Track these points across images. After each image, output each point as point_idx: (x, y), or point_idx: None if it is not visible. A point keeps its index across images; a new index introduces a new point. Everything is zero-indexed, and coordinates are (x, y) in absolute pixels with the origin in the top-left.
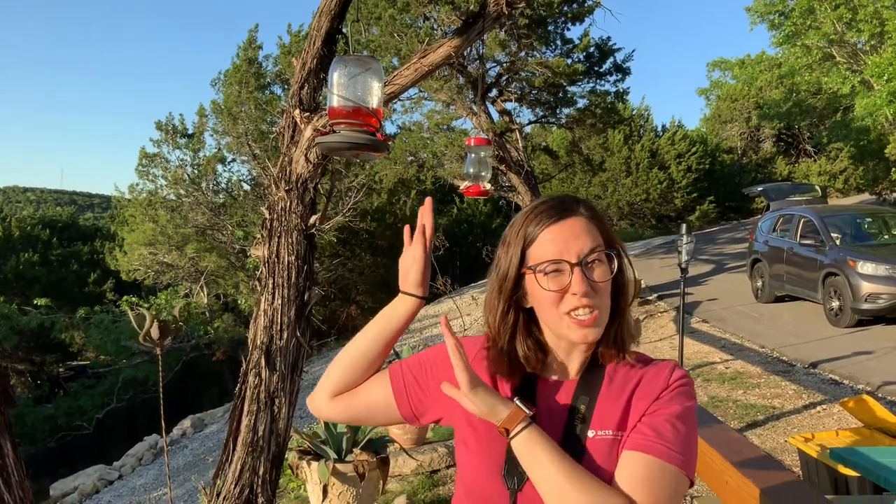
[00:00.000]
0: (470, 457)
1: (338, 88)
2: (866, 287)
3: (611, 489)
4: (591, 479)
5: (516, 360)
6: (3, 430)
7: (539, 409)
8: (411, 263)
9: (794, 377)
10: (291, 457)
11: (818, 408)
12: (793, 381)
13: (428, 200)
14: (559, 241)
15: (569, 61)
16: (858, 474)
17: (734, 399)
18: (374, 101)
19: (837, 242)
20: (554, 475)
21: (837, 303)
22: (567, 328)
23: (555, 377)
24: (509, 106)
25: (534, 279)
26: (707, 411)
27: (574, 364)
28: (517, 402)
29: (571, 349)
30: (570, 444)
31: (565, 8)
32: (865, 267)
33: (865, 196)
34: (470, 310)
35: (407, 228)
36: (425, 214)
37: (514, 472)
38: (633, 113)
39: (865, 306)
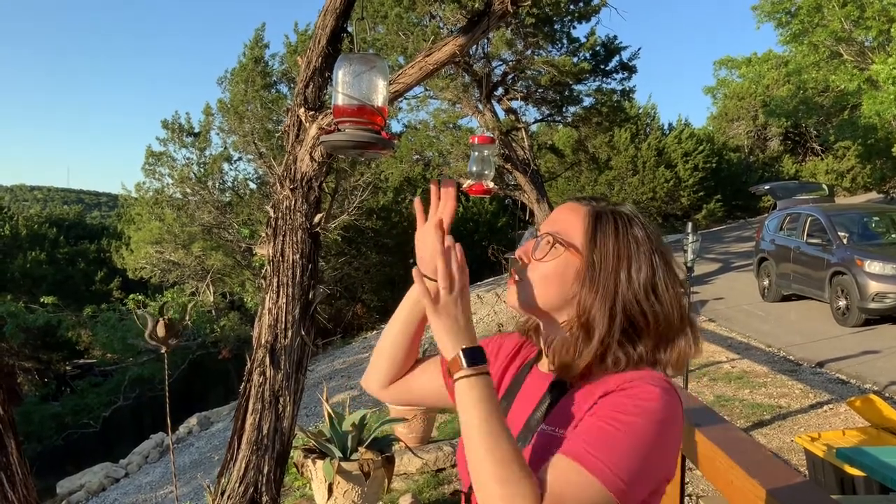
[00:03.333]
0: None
1: (342, 87)
2: (874, 286)
3: (522, 462)
4: (507, 441)
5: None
6: (7, 427)
7: (520, 397)
8: (432, 257)
9: (800, 376)
10: (297, 455)
11: (825, 407)
12: (799, 381)
13: (450, 183)
14: (549, 216)
15: (575, 60)
16: (865, 474)
17: (740, 398)
18: (379, 99)
19: (844, 241)
20: (471, 431)
21: (844, 302)
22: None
23: (545, 369)
24: (515, 104)
25: None
26: (712, 410)
27: None
28: (461, 351)
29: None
30: (525, 434)
31: (571, 6)
32: (873, 266)
33: (873, 195)
34: (475, 308)
35: (418, 204)
36: (445, 202)
37: None
38: (640, 111)
39: (873, 305)
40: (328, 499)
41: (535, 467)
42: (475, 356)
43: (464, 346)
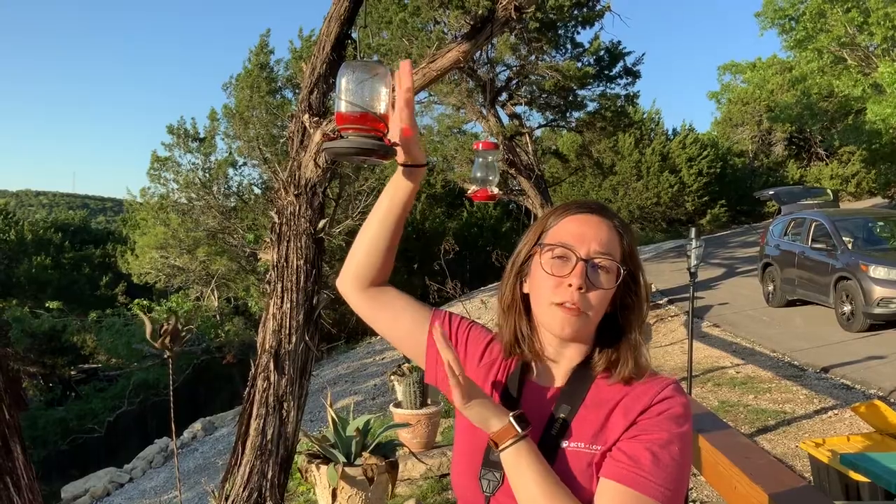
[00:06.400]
0: (455, 456)
1: (345, 94)
2: (878, 291)
3: None
4: (567, 493)
5: (512, 340)
6: (13, 432)
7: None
8: (402, 137)
9: (805, 382)
10: (301, 460)
11: (829, 413)
12: (804, 386)
13: (405, 63)
14: (578, 231)
15: (579, 65)
16: (869, 480)
17: (745, 404)
18: (382, 106)
19: (849, 246)
20: (537, 495)
21: (849, 307)
22: (550, 317)
23: (543, 382)
24: (519, 109)
25: (538, 259)
26: (716, 416)
27: (563, 369)
28: (511, 418)
29: (561, 351)
30: (545, 452)
31: (575, 11)
32: (877, 271)
33: (878, 200)
34: (479, 314)
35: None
36: (404, 78)
37: (489, 477)
38: (644, 116)
39: (877, 310)
40: None
41: (571, 485)
42: (523, 419)
43: (512, 413)
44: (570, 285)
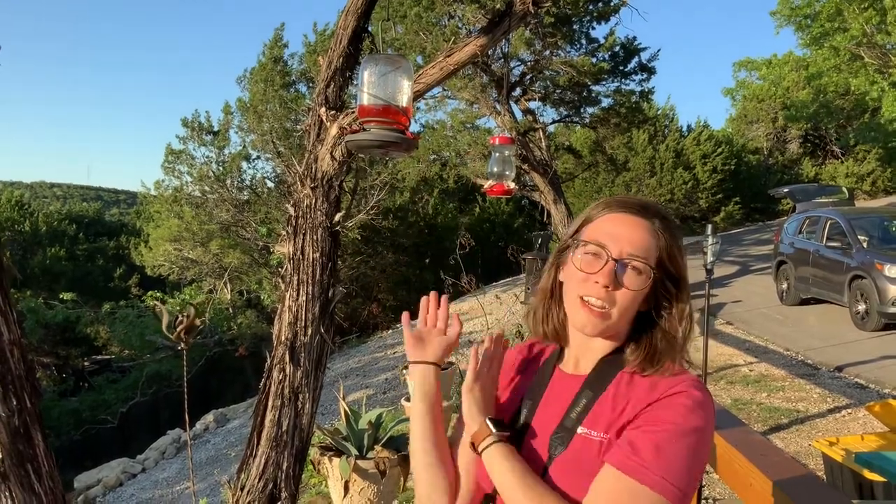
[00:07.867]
0: None
1: (368, 87)
2: (893, 290)
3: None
4: (549, 495)
5: (542, 323)
6: (34, 420)
7: (547, 397)
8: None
9: (819, 380)
10: (313, 452)
11: (843, 412)
12: (818, 385)
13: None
14: (614, 230)
15: (594, 60)
16: (884, 479)
17: (758, 402)
18: (404, 99)
19: (864, 245)
20: (513, 490)
21: (864, 306)
22: (575, 311)
23: (571, 370)
24: (533, 105)
25: (572, 253)
26: (730, 413)
27: (591, 359)
28: (488, 421)
29: (588, 343)
30: (561, 437)
31: (591, 6)
32: (893, 270)
33: (893, 198)
34: (492, 308)
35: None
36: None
37: None
38: (658, 112)
39: (892, 310)
40: (344, 496)
41: (573, 469)
42: (499, 424)
43: (489, 416)
44: (597, 282)
